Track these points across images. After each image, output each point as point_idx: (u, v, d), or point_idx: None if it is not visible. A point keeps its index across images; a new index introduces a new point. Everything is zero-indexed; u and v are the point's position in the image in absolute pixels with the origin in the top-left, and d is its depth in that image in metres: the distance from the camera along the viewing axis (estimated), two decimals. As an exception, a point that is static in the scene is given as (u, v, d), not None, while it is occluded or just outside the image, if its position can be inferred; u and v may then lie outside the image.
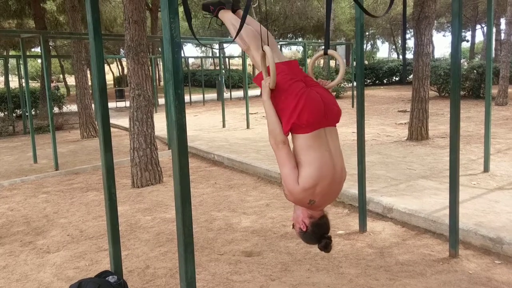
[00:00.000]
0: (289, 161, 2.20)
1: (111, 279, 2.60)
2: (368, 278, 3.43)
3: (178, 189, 1.94)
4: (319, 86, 2.41)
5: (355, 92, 20.12)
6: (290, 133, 2.26)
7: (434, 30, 44.41)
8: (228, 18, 2.77)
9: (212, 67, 49.00)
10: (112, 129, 13.22)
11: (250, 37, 2.56)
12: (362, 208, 4.39)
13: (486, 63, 5.99)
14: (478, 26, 35.96)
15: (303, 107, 2.20)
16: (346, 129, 10.00)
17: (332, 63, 25.00)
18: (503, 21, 19.77)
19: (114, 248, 2.79)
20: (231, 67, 34.76)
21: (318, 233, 2.32)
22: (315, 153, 2.19)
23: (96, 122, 12.21)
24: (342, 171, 2.28)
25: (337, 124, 2.39)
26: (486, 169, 5.99)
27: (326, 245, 2.31)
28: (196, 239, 4.25)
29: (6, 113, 15.03)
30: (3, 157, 9.55)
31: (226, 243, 4.28)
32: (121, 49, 39.07)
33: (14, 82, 22.66)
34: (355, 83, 26.08)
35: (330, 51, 2.55)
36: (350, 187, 5.15)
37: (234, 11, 2.86)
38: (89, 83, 12.28)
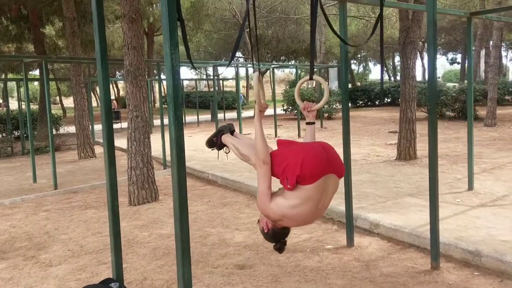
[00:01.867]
0: (265, 180, 2.44)
1: (114, 285, 2.81)
2: (354, 288, 3.65)
3: (177, 197, 2.18)
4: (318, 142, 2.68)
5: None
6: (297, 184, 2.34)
7: (424, 53, 45.17)
8: (229, 141, 3.09)
9: (206, 89, 49.47)
10: (108, 150, 13.34)
11: (246, 149, 2.85)
12: (349, 223, 4.63)
13: (468, 87, 6.32)
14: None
15: (304, 157, 2.33)
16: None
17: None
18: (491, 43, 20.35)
19: (116, 258, 3.02)
20: (225, 89, 35.17)
21: (276, 237, 2.58)
22: (304, 206, 2.35)
23: (92, 143, 12.45)
24: (320, 216, 2.55)
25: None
26: (470, 187, 6.26)
27: (280, 247, 2.60)
28: (191, 253, 4.46)
29: (4, 134, 15.21)
30: (3, 177, 9.74)
31: (219, 257, 4.49)
32: (116, 72, 39.54)
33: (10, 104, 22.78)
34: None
35: (315, 77, 2.85)
36: (339, 204, 5.38)
37: (232, 133, 3.21)
38: (86, 105, 12.53)
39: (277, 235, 2.58)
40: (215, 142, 3.24)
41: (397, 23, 17.06)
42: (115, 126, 21.79)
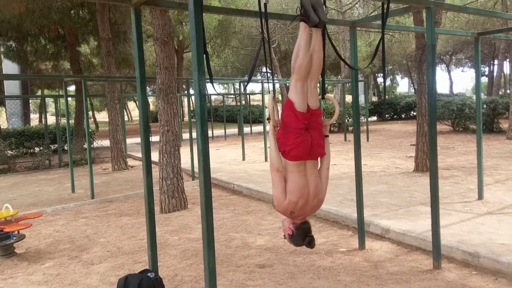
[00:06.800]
0: (280, 184, 3.00)
1: (150, 275, 3.32)
2: (361, 284, 4.08)
3: (203, 194, 2.69)
4: (318, 129, 3.14)
5: (370, 127, 20.64)
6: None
7: (452, 66, 44.95)
8: (301, 35, 3.06)
9: (234, 103, 50.29)
10: (140, 162, 14.00)
11: (302, 53, 3.02)
12: (360, 228, 5.06)
13: (476, 102, 6.65)
14: (496, 62, 36.40)
15: (294, 146, 2.97)
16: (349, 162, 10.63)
17: (348, 98, 25.81)
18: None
19: (152, 251, 3.54)
20: (251, 103, 35.86)
21: (302, 234, 3.06)
22: (293, 175, 3.00)
23: (125, 156, 13.16)
24: (316, 189, 3.04)
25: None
26: (480, 197, 6.59)
27: (310, 241, 3.05)
28: (216, 255, 4.93)
29: (41, 148, 16.05)
30: (44, 187, 10.49)
31: (242, 258, 4.97)
32: (148, 88, 40.77)
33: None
34: (370, 118, 26.29)
35: (326, 96, 3.37)
36: (354, 212, 5.79)
37: (316, 26, 3.07)
38: (120, 120, 13.25)
39: (301, 231, 3.09)
40: (301, 12, 3.09)
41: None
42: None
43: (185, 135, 20.75)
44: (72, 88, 30.03)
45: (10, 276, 4.80)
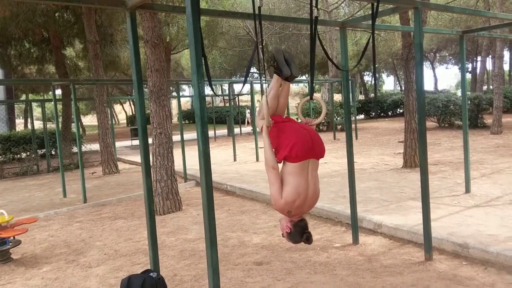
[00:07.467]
0: (276, 181, 3.05)
1: (153, 274, 3.39)
2: (356, 277, 4.20)
3: (205, 194, 2.78)
4: (309, 127, 3.26)
5: (358, 125, 20.83)
6: (283, 160, 3.10)
7: (436, 63, 45.49)
8: (273, 84, 3.37)
9: (222, 104, 50.34)
10: (130, 166, 14.02)
11: (270, 99, 3.32)
12: (354, 223, 5.18)
13: (462, 98, 6.82)
14: (479, 58, 36.92)
15: (294, 143, 3.01)
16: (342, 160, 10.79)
17: (335, 97, 25.98)
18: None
19: (153, 252, 3.61)
20: (240, 104, 35.92)
21: (299, 231, 3.14)
22: (294, 178, 3.02)
23: (115, 159, 13.15)
24: (315, 192, 3.12)
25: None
26: (467, 190, 6.76)
27: (307, 237, 3.14)
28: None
29: (28, 153, 15.91)
30: (34, 193, 10.46)
31: (239, 256, 5.06)
32: (133, 90, 40.56)
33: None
34: (357, 117, 26.51)
35: (314, 96, 3.46)
36: (347, 208, 5.92)
37: (287, 79, 3.36)
38: (109, 123, 13.23)
39: (299, 228, 3.17)
40: (274, 63, 3.33)
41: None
42: (136, 142, 22.47)
43: (174, 137, 20.74)
44: (58, 92, 29.80)
45: (8, 282, 4.83)
